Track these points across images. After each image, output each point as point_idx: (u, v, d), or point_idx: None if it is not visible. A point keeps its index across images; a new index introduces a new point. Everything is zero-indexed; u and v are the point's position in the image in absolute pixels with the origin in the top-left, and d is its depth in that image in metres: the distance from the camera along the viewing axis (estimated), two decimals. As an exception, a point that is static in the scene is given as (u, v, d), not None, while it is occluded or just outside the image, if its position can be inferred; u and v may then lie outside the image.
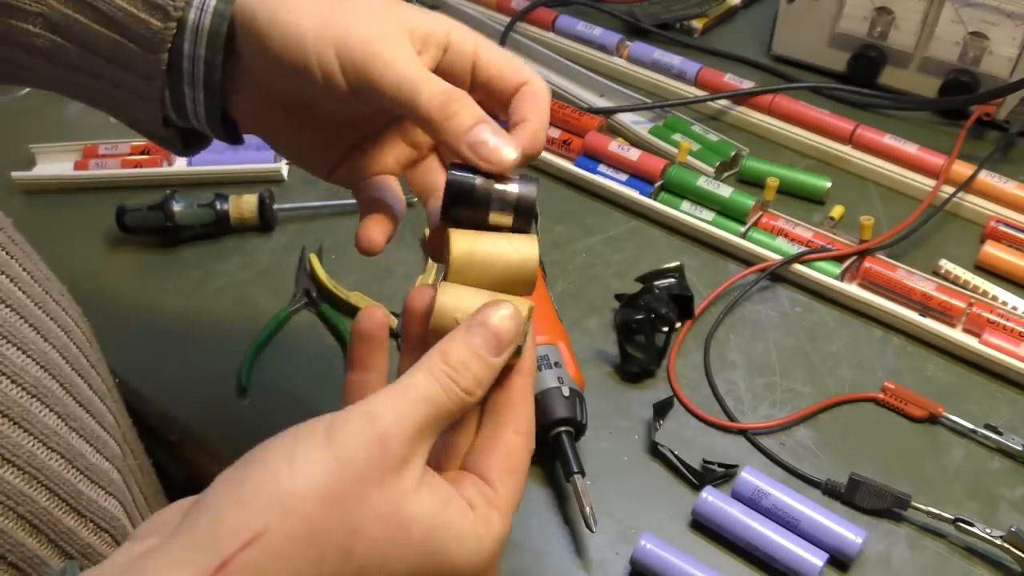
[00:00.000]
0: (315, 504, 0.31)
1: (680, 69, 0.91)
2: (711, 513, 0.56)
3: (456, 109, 0.39)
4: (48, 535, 0.40)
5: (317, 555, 0.31)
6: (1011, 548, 0.53)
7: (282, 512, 0.30)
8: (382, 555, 0.32)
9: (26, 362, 0.41)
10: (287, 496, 0.31)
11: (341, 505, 0.31)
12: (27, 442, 0.39)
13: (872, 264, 0.70)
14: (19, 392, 0.40)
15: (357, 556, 0.31)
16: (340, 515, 0.31)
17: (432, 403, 0.34)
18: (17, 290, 0.43)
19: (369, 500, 0.32)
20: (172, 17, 0.43)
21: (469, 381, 0.35)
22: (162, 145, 0.50)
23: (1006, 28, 0.81)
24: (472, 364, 0.35)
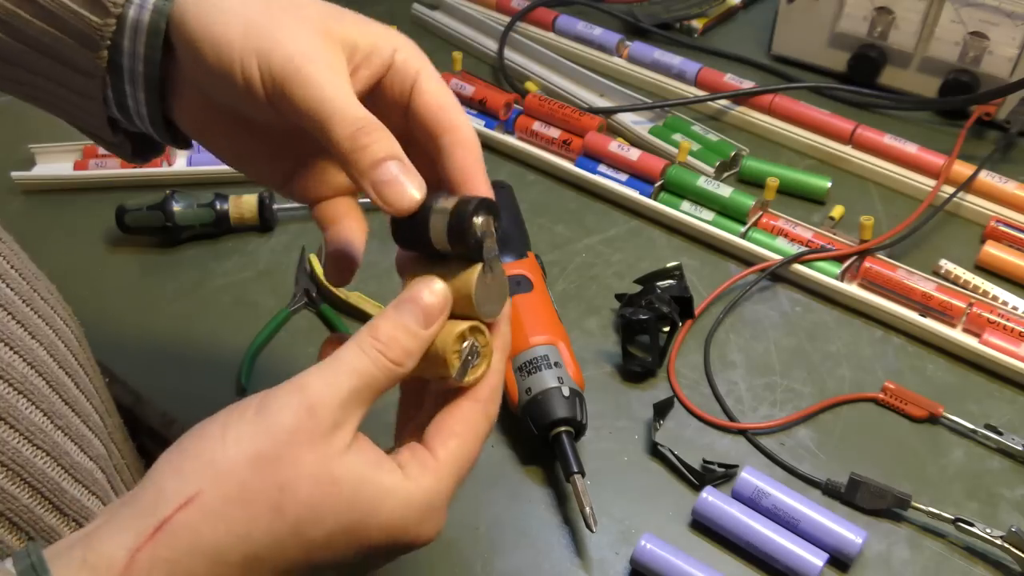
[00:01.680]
0: (246, 467, 0.33)
1: (680, 69, 0.91)
2: (711, 513, 0.56)
3: (367, 142, 0.37)
4: (29, 532, 0.40)
5: (249, 513, 0.32)
6: (1011, 548, 0.53)
7: (215, 476, 0.33)
8: (314, 510, 0.33)
9: (13, 358, 0.41)
10: (220, 461, 0.33)
11: (271, 466, 0.33)
12: (12, 438, 0.40)
13: (872, 264, 0.70)
14: (5, 388, 0.40)
15: (289, 512, 0.33)
16: (270, 475, 0.33)
17: (361, 374, 0.35)
18: (4, 286, 0.43)
19: (299, 461, 0.33)
20: (111, 13, 0.42)
21: (397, 352, 0.36)
22: (111, 151, 0.48)
23: (1006, 28, 0.81)
24: (401, 336, 0.36)
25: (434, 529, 0.37)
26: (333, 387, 0.35)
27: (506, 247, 0.68)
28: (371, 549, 0.35)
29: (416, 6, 1.05)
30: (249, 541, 0.32)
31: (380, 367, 0.36)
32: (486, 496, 0.59)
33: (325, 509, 0.34)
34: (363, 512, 0.35)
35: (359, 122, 0.37)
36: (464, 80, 0.88)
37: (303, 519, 0.33)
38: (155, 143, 0.49)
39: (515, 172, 0.84)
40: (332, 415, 0.34)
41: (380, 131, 0.38)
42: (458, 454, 0.37)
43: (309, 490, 0.33)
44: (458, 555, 0.56)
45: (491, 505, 0.58)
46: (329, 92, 0.38)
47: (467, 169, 0.41)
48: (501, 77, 0.93)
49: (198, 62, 0.40)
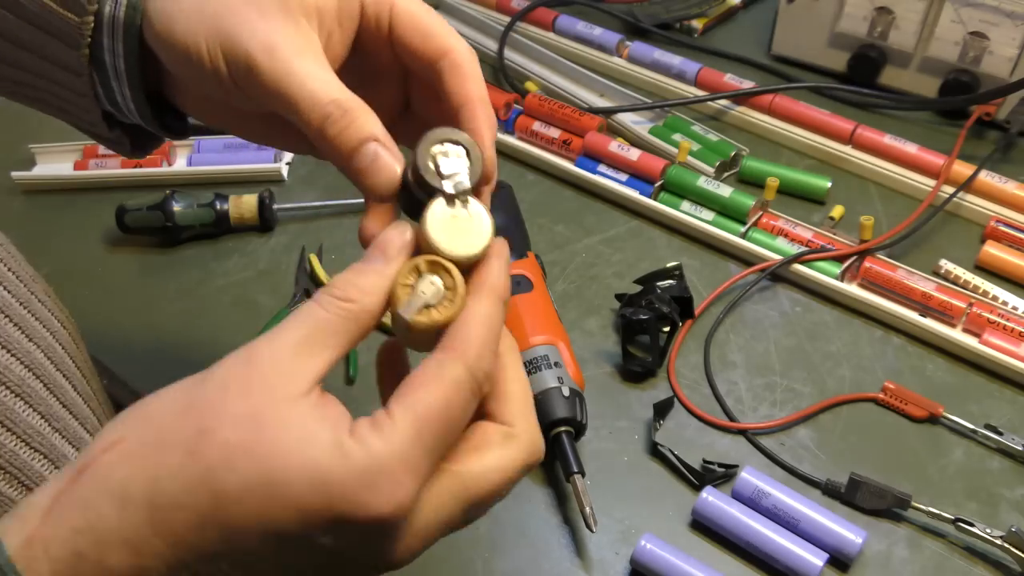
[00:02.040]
0: (171, 413, 0.31)
1: (680, 69, 0.91)
2: (711, 513, 0.56)
3: (336, 130, 0.36)
4: None
5: (163, 455, 0.30)
6: (1011, 548, 0.53)
7: (141, 422, 0.31)
8: (229, 453, 0.30)
9: (10, 361, 0.41)
10: (149, 409, 0.32)
11: (195, 411, 0.31)
12: (9, 441, 0.40)
13: (872, 264, 0.70)
14: (2, 391, 0.40)
15: (203, 456, 0.30)
16: (192, 420, 0.31)
17: (307, 319, 0.33)
18: (1, 289, 0.43)
19: (227, 406, 0.31)
20: (87, 11, 0.41)
21: (346, 289, 0.33)
22: (110, 147, 0.48)
23: (1006, 28, 0.81)
24: (350, 275, 0.34)
25: (390, 501, 0.30)
26: (278, 338, 0.32)
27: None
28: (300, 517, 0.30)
29: (416, 6, 1.04)
30: (157, 484, 0.30)
31: (329, 307, 0.33)
32: (486, 496, 0.59)
33: (241, 454, 0.30)
34: (286, 463, 0.30)
35: (327, 107, 0.36)
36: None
37: (215, 463, 0.30)
38: (154, 136, 0.48)
39: (515, 172, 0.84)
40: (275, 365, 0.31)
41: (350, 113, 0.36)
42: (417, 408, 0.32)
43: (228, 434, 0.30)
44: (458, 555, 0.56)
45: (491, 505, 0.58)
46: (295, 78, 0.36)
47: (462, 95, 0.38)
48: (501, 77, 0.93)
49: (168, 56, 0.40)
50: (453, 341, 0.33)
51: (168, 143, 0.84)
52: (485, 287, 0.35)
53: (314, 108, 0.36)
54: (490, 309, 0.34)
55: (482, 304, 0.34)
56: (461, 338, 0.33)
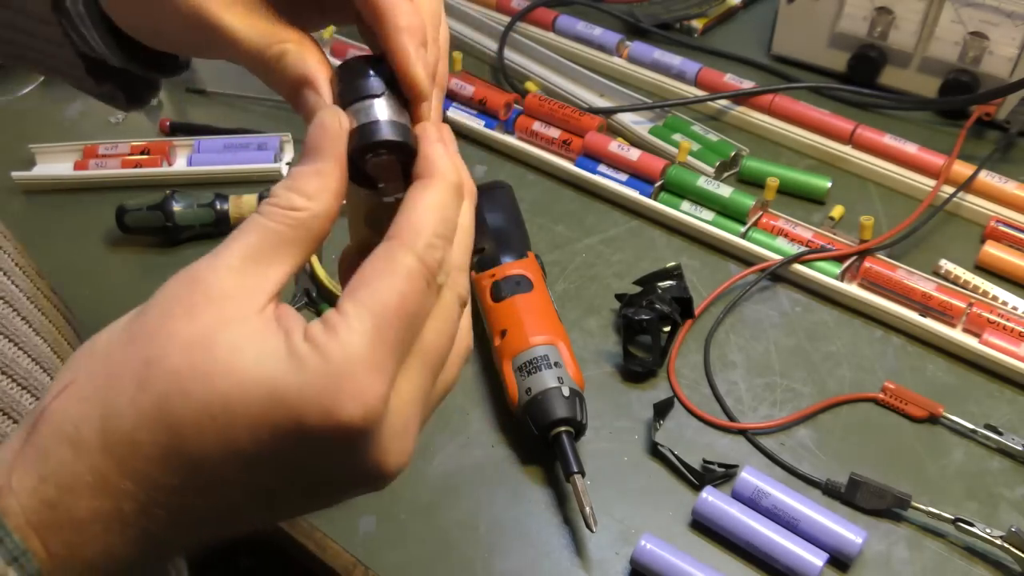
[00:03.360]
0: (117, 345, 0.30)
1: (680, 69, 0.91)
2: (711, 513, 0.56)
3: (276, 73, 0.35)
4: None
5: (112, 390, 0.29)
6: (1011, 548, 0.53)
7: (89, 359, 0.30)
8: (181, 383, 0.28)
9: (17, 354, 0.41)
10: (95, 345, 0.30)
11: (140, 341, 0.29)
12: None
13: (872, 264, 0.70)
14: (9, 383, 0.40)
15: (153, 387, 0.28)
16: (138, 349, 0.29)
17: (252, 231, 0.30)
18: (10, 283, 0.43)
19: (173, 332, 0.29)
20: None
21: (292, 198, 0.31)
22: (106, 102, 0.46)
23: (1006, 28, 0.81)
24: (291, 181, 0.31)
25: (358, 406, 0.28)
26: (222, 255, 0.30)
27: (506, 247, 0.68)
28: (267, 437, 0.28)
29: (416, 6, 1.04)
30: (110, 422, 0.28)
31: (274, 217, 0.31)
32: (486, 496, 0.59)
33: (193, 379, 0.28)
34: (241, 380, 0.28)
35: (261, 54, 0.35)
36: (464, 80, 0.88)
37: (167, 392, 0.28)
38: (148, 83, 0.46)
39: (515, 172, 0.84)
40: (220, 282, 0.29)
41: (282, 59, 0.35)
42: (370, 303, 0.29)
43: (177, 360, 0.28)
44: (458, 555, 0.56)
45: (491, 505, 0.58)
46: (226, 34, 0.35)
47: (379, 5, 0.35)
48: (501, 77, 0.93)
49: None
50: (399, 230, 0.31)
51: (169, 143, 0.84)
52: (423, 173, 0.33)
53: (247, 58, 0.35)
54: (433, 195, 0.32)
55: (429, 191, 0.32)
56: (407, 226, 0.31)
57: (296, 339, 0.29)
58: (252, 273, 0.30)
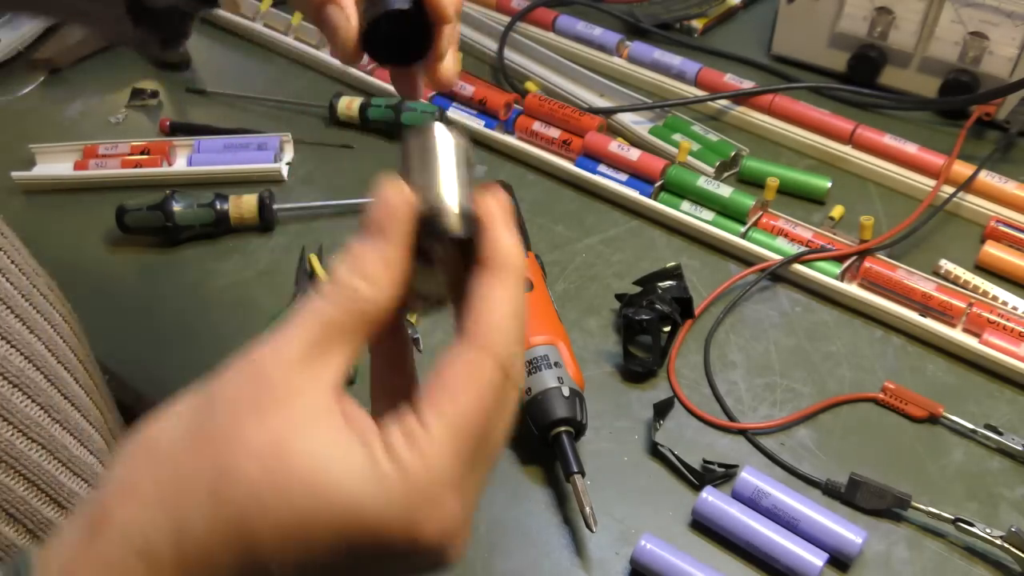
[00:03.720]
0: (183, 449, 0.28)
1: (680, 69, 0.91)
2: (711, 513, 0.56)
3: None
4: (26, 524, 0.40)
5: (184, 502, 0.27)
6: (1011, 548, 0.53)
7: (153, 459, 0.28)
8: (259, 497, 0.27)
9: (9, 352, 0.41)
10: (160, 441, 0.28)
11: (211, 445, 0.28)
12: (5, 431, 0.40)
13: (872, 264, 0.70)
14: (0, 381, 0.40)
15: (230, 500, 0.27)
16: (209, 456, 0.28)
17: (312, 318, 0.29)
18: (5, 281, 0.43)
19: (244, 437, 0.27)
20: None
21: (353, 283, 0.29)
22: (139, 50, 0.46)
23: (1006, 28, 0.81)
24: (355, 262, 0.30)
25: (438, 528, 0.28)
26: (280, 342, 0.29)
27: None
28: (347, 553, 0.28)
29: (416, 6, 1.04)
30: (184, 536, 0.27)
31: (333, 300, 0.29)
32: (486, 496, 0.59)
33: (271, 494, 0.27)
34: (321, 499, 0.27)
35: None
36: (464, 80, 0.88)
37: (244, 507, 0.27)
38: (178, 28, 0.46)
39: (515, 172, 0.84)
40: (285, 377, 0.28)
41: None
42: (455, 418, 0.29)
43: (252, 470, 0.27)
44: (458, 555, 0.56)
45: (491, 505, 0.58)
46: None
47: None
48: (501, 77, 0.93)
49: None
50: (483, 334, 0.30)
51: (169, 143, 0.84)
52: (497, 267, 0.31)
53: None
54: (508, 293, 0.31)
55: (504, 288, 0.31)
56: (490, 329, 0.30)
57: (377, 452, 0.28)
58: (316, 365, 0.29)
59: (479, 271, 0.31)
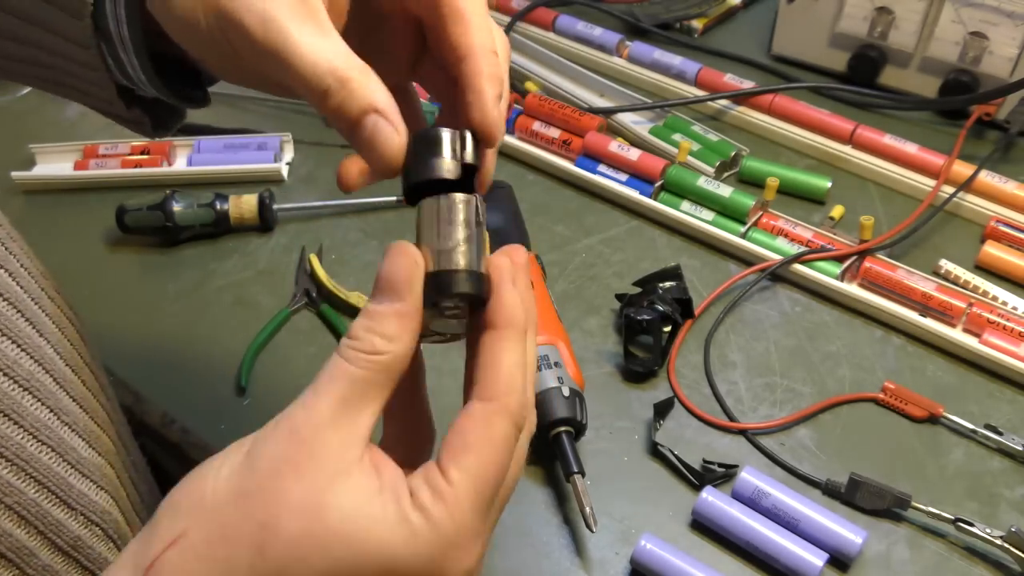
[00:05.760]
0: (230, 503, 0.30)
1: (680, 69, 0.91)
2: (711, 513, 0.56)
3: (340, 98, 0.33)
4: (37, 527, 0.40)
5: (228, 553, 0.30)
6: (1011, 548, 0.53)
7: (201, 513, 0.30)
8: (298, 548, 0.29)
9: (19, 355, 0.41)
10: (207, 498, 0.31)
11: (253, 502, 0.30)
12: (16, 434, 0.40)
13: (872, 264, 0.70)
14: (10, 384, 0.40)
15: (272, 553, 0.29)
16: (253, 512, 0.30)
17: (339, 379, 0.31)
18: (15, 284, 0.43)
19: (284, 493, 0.30)
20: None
21: (372, 342, 0.32)
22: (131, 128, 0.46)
23: (1006, 28, 0.81)
24: (371, 322, 0.32)
25: (460, 571, 0.31)
26: (313, 404, 0.31)
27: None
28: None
29: (416, 6, 1.05)
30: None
31: (357, 363, 0.31)
32: (486, 496, 0.59)
33: (311, 547, 0.29)
34: (357, 551, 0.30)
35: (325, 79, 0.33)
36: (464, 80, 0.88)
37: (287, 560, 0.29)
38: (175, 112, 0.47)
39: (515, 172, 0.84)
40: (319, 435, 0.31)
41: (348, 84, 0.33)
42: (475, 472, 0.31)
43: (293, 526, 0.29)
44: (458, 555, 0.56)
45: (491, 505, 0.58)
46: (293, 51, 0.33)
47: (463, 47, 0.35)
48: (501, 77, 0.93)
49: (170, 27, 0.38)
50: (494, 391, 0.32)
51: (169, 142, 0.84)
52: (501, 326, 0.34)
53: (313, 81, 0.33)
54: (512, 348, 0.33)
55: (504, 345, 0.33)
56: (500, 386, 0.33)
57: (405, 506, 0.30)
58: (346, 423, 0.31)
59: (486, 330, 0.34)
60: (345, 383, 0.31)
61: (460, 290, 0.33)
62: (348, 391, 0.31)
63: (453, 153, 0.34)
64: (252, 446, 0.31)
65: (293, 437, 0.31)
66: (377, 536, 0.30)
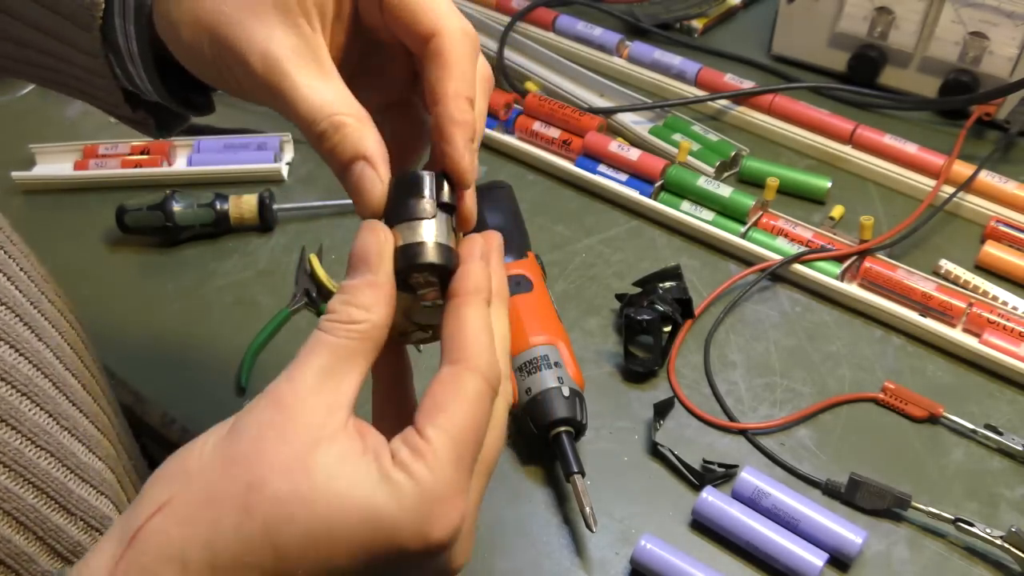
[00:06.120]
0: (216, 469, 0.31)
1: (680, 69, 0.91)
2: (711, 513, 0.56)
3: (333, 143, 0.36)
4: (36, 532, 0.40)
5: (216, 514, 0.30)
6: (1011, 548, 0.54)
7: (185, 479, 0.31)
8: (283, 506, 0.30)
9: (17, 360, 0.41)
10: (193, 466, 0.32)
11: (238, 465, 0.31)
12: (14, 439, 0.40)
13: (872, 264, 0.70)
14: (8, 390, 0.40)
15: (258, 512, 0.30)
16: (238, 475, 0.31)
17: (320, 349, 0.33)
18: (14, 288, 0.43)
19: (269, 455, 0.31)
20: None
21: (350, 312, 0.33)
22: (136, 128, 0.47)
23: (1006, 28, 0.81)
24: (347, 295, 0.34)
25: (447, 526, 0.31)
26: (298, 376, 0.32)
27: (506, 247, 0.68)
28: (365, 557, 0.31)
29: (416, 6, 1.04)
30: (215, 545, 0.30)
31: (336, 333, 0.33)
32: (486, 496, 0.58)
33: (296, 505, 0.30)
34: (342, 508, 0.30)
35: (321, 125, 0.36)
36: (464, 80, 0.88)
37: (272, 518, 0.30)
38: (179, 114, 0.48)
39: (515, 172, 0.84)
40: (304, 404, 0.32)
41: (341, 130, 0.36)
42: (451, 428, 0.32)
43: (279, 485, 0.30)
44: (458, 555, 0.56)
45: (491, 505, 0.58)
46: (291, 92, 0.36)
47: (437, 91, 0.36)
48: (501, 77, 0.93)
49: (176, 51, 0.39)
50: (460, 353, 0.34)
51: (170, 142, 0.84)
52: (464, 292, 0.35)
53: (309, 122, 0.36)
54: (476, 312, 0.35)
55: (469, 310, 0.35)
56: (466, 348, 0.34)
57: (387, 464, 0.31)
58: (328, 390, 0.32)
59: (451, 299, 0.35)
60: (326, 353, 0.33)
61: (427, 260, 0.35)
62: (329, 360, 0.32)
63: (431, 194, 0.36)
64: (237, 419, 0.32)
65: (277, 405, 0.32)
66: (361, 493, 0.30)
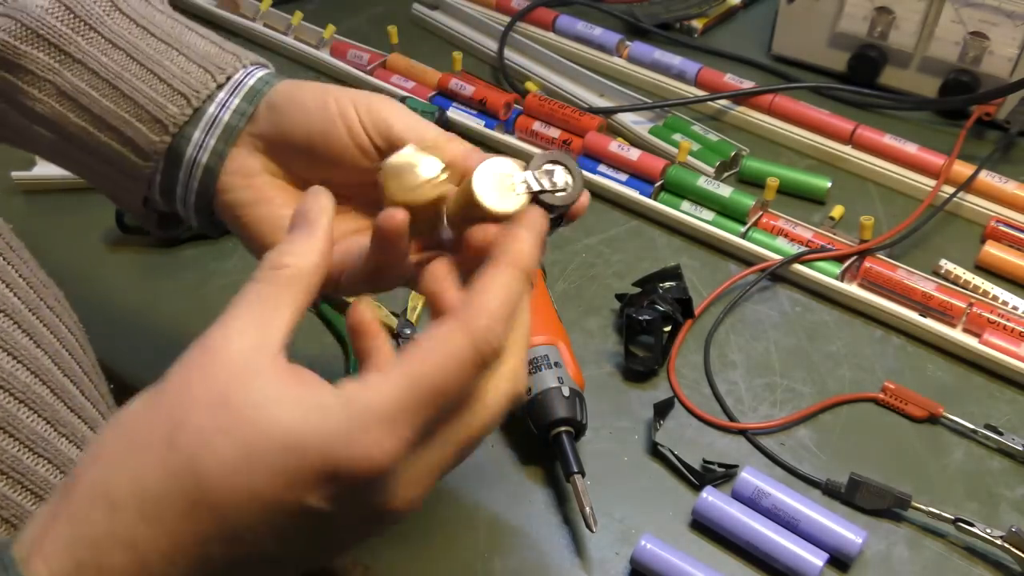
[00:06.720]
0: (140, 413, 0.32)
1: (680, 69, 0.91)
2: (711, 513, 0.56)
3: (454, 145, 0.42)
4: None
5: (141, 454, 0.31)
6: (1011, 548, 0.54)
7: (116, 430, 0.32)
8: (207, 437, 0.30)
9: (15, 367, 0.41)
10: (121, 418, 0.32)
11: (163, 408, 0.31)
12: (12, 447, 0.40)
13: (872, 264, 0.70)
14: (6, 398, 0.40)
15: (180, 444, 0.30)
16: (162, 416, 0.31)
17: (247, 295, 0.33)
18: (12, 295, 0.43)
19: (192, 393, 0.31)
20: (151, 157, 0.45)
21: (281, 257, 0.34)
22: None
23: (1006, 28, 0.81)
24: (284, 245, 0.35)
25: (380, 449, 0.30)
26: (225, 321, 0.33)
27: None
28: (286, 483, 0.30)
29: (416, 6, 1.05)
30: (142, 481, 0.30)
31: (263, 277, 0.34)
32: (486, 496, 0.59)
33: (217, 434, 0.30)
34: (261, 431, 0.30)
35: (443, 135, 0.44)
36: (464, 80, 0.88)
37: (194, 448, 0.30)
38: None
39: (515, 172, 0.84)
40: (229, 344, 0.32)
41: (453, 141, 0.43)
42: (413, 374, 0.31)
43: (200, 418, 0.30)
44: (458, 555, 0.56)
45: (491, 505, 0.58)
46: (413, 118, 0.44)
47: None
48: (501, 77, 0.93)
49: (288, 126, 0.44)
50: (466, 309, 0.32)
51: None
52: (508, 255, 0.34)
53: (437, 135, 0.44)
54: (508, 278, 0.33)
55: (501, 273, 0.34)
56: (474, 305, 0.32)
57: (324, 391, 0.31)
58: (254, 332, 0.32)
59: (490, 263, 0.34)
60: (252, 297, 0.33)
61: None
62: (256, 303, 0.33)
63: None
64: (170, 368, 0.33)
65: (202, 348, 0.32)
66: (286, 420, 0.30)
